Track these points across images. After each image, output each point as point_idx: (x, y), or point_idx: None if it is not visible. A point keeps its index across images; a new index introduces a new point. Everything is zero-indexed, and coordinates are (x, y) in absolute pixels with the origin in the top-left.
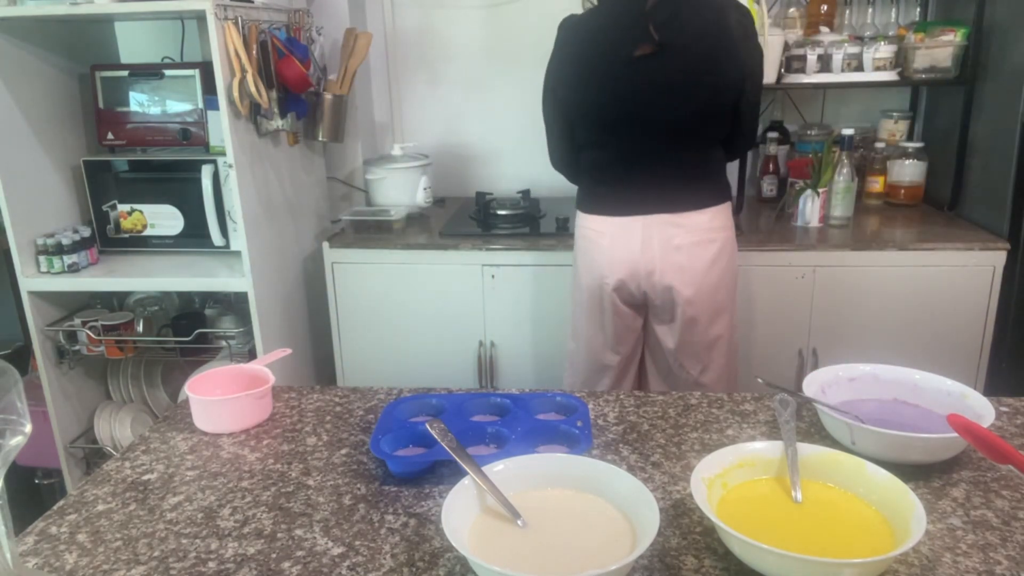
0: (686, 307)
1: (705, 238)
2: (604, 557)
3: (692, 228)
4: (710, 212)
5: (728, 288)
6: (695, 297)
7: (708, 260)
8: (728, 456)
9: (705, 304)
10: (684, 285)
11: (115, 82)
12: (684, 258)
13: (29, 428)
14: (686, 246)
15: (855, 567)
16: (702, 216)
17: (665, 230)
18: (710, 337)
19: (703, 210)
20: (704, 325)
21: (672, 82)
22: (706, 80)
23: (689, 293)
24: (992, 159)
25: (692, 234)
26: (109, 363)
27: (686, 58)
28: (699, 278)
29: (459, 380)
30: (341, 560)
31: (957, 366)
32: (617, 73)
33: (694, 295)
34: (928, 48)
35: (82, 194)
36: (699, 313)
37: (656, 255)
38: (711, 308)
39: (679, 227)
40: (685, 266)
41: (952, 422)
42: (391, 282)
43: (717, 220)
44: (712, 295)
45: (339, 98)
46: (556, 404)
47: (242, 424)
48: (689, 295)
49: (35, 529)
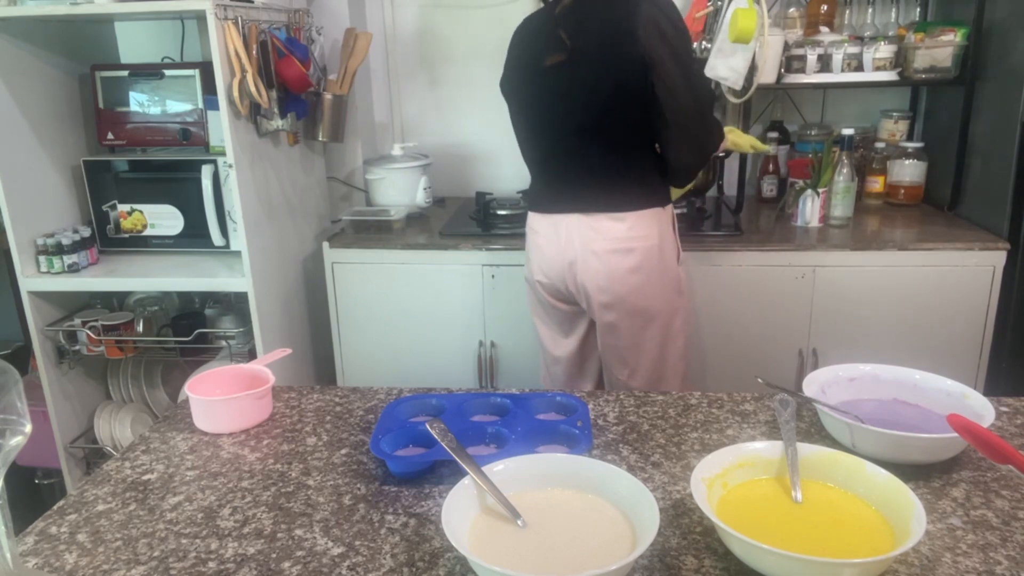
0: (603, 312)
1: (622, 247)
2: (604, 557)
3: (609, 235)
4: (630, 219)
5: (658, 297)
6: (613, 303)
7: (625, 269)
8: (728, 456)
9: (625, 311)
10: (599, 291)
11: (115, 82)
12: (600, 264)
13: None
14: (602, 253)
15: (855, 567)
16: (620, 224)
17: (585, 233)
18: (636, 342)
19: (622, 215)
20: (627, 331)
21: (576, 87)
22: (605, 79)
23: (605, 299)
24: (992, 159)
25: (608, 241)
26: (109, 363)
27: (589, 61)
28: (616, 286)
29: (459, 380)
30: (341, 560)
31: (957, 366)
32: (531, 80)
33: (611, 301)
34: (928, 48)
35: (82, 194)
36: (618, 320)
37: (577, 255)
38: (634, 315)
39: (597, 232)
40: (601, 272)
41: (952, 422)
42: (391, 282)
43: (638, 229)
44: (633, 303)
45: (339, 98)
46: (556, 404)
47: (242, 424)
48: (605, 300)
49: (35, 529)
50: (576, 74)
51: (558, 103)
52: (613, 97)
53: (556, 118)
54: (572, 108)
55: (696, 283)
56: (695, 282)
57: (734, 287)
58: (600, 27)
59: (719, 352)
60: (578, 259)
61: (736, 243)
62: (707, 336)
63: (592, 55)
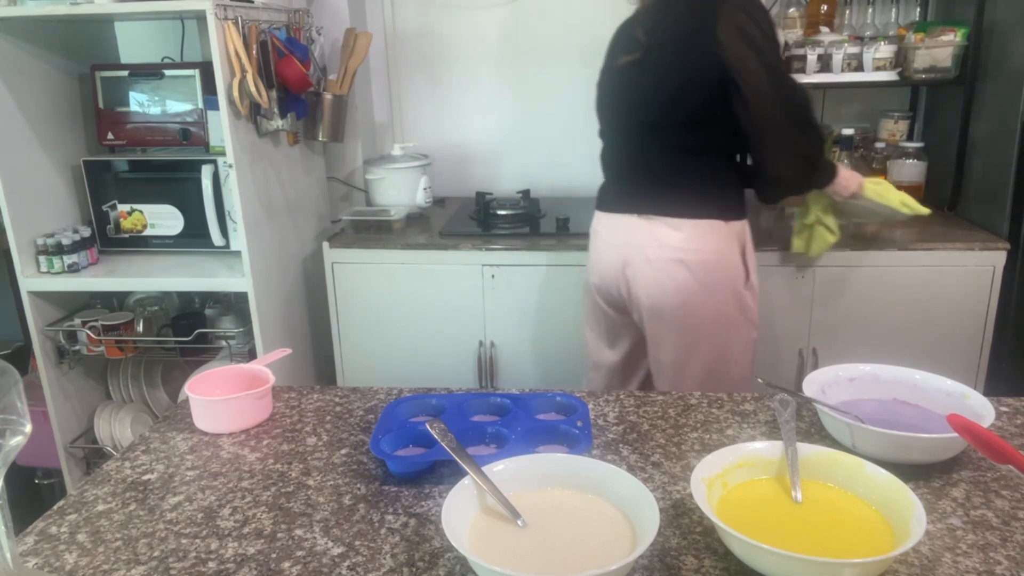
0: (651, 323)
1: (675, 256)
2: (604, 557)
3: (663, 242)
4: (687, 228)
5: (709, 318)
6: (660, 316)
7: (675, 281)
8: (728, 456)
9: (672, 327)
10: (648, 299)
11: (115, 82)
12: (652, 272)
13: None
14: (655, 260)
15: (855, 567)
16: (676, 233)
17: (641, 236)
18: (681, 361)
19: (678, 221)
20: (673, 348)
21: (644, 82)
22: (673, 75)
23: (653, 310)
24: (992, 159)
25: (662, 249)
26: (109, 363)
27: (660, 57)
28: (665, 298)
29: (459, 380)
30: (341, 560)
31: (957, 366)
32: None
33: (659, 313)
34: (928, 48)
35: (82, 194)
36: (665, 334)
37: (632, 259)
38: (680, 333)
39: (652, 237)
40: (652, 281)
41: (952, 422)
42: (391, 282)
43: (694, 240)
44: (680, 320)
45: (339, 98)
46: (556, 404)
47: (242, 424)
48: (654, 312)
49: (35, 529)
50: (646, 70)
51: (626, 98)
52: (679, 94)
53: (624, 114)
54: (638, 103)
55: None
56: None
57: None
58: (677, 25)
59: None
60: (632, 263)
61: None
62: None
63: (664, 51)
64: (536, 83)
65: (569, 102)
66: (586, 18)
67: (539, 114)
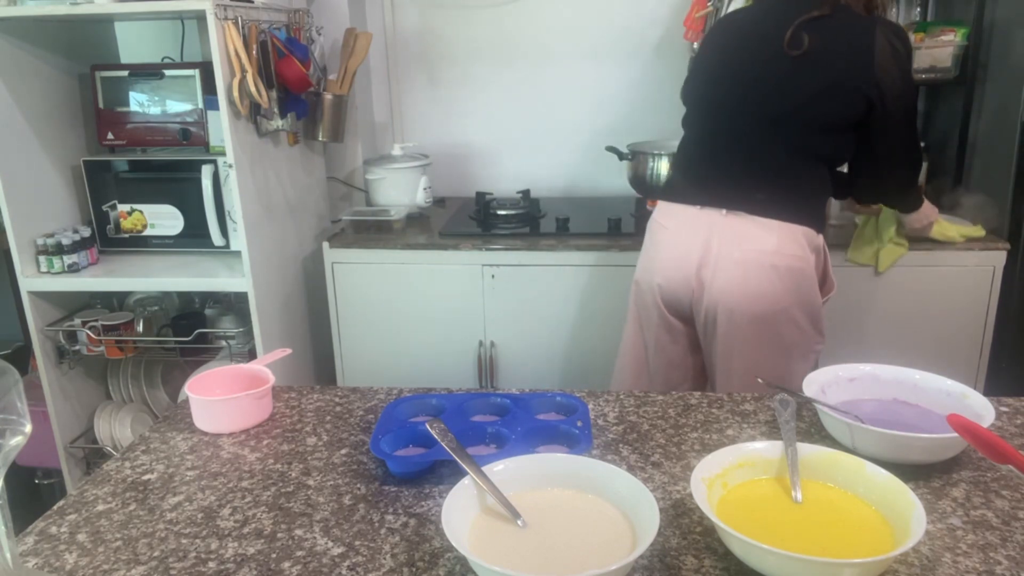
0: (727, 327)
1: (767, 261)
2: (604, 557)
3: (754, 243)
4: (780, 231)
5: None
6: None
7: (763, 287)
8: (728, 456)
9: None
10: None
11: (115, 82)
12: (739, 274)
13: (29, 428)
14: (745, 263)
15: (855, 567)
16: (768, 235)
17: (726, 234)
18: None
19: (771, 223)
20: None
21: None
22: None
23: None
24: (992, 159)
25: (757, 252)
26: (109, 363)
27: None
28: (748, 303)
29: (459, 380)
30: (341, 560)
31: (957, 366)
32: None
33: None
34: (928, 48)
35: (82, 194)
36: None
37: (712, 259)
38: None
39: (742, 236)
40: (737, 283)
41: (952, 422)
42: (391, 282)
43: (788, 246)
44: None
45: (339, 98)
46: (556, 404)
47: (242, 424)
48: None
49: (35, 529)
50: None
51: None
52: (826, 98)
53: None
54: (772, 95)
55: None
56: None
57: None
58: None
59: None
60: (710, 264)
61: None
62: None
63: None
64: (536, 83)
65: (569, 102)
66: (586, 18)
67: (539, 114)
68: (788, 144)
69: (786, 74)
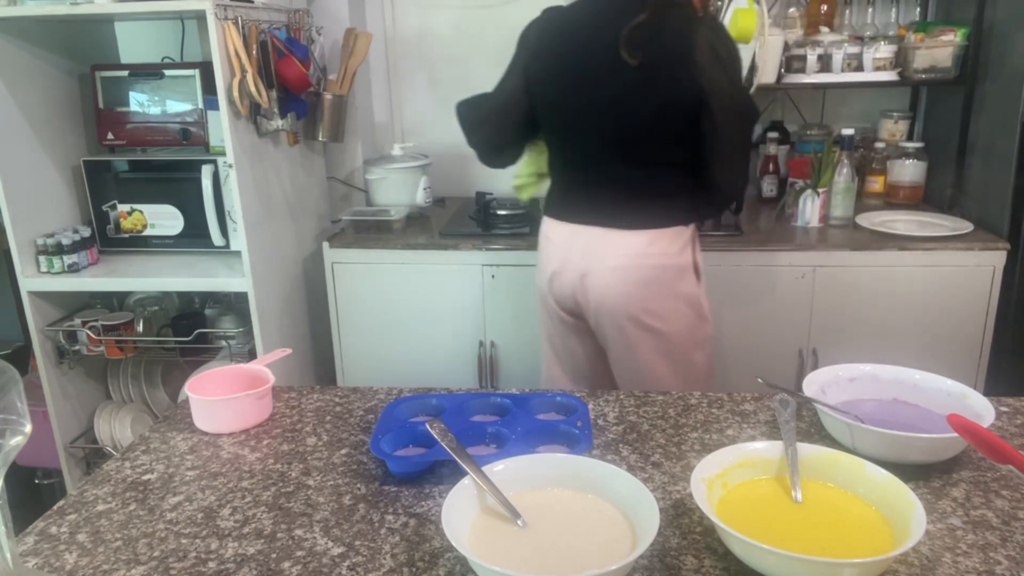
0: (613, 330)
1: (638, 262)
2: (604, 557)
3: (627, 249)
4: (650, 234)
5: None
6: (624, 321)
7: (640, 284)
8: (728, 456)
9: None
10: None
11: (115, 82)
12: (613, 278)
13: (29, 428)
14: (617, 268)
15: (855, 567)
16: (639, 238)
17: (601, 245)
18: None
19: (642, 231)
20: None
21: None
22: (653, 95)
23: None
24: (992, 159)
25: (625, 257)
26: (109, 363)
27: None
28: (629, 303)
29: (459, 380)
30: (341, 560)
31: (957, 366)
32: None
33: (622, 319)
34: (928, 48)
35: (82, 194)
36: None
37: (591, 268)
38: (646, 336)
39: (616, 246)
40: (614, 286)
41: (952, 422)
42: (391, 282)
43: (658, 244)
44: (646, 323)
45: (339, 98)
46: (556, 404)
47: (242, 424)
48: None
49: (35, 529)
50: (625, 86)
51: (601, 111)
52: (660, 114)
53: (595, 126)
54: (615, 118)
55: None
56: None
57: (734, 287)
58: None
59: (719, 352)
60: (591, 271)
61: (736, 243)
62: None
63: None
64: None
65: None
66: None
67: None
68: (634, 161)
69: (625, 93)
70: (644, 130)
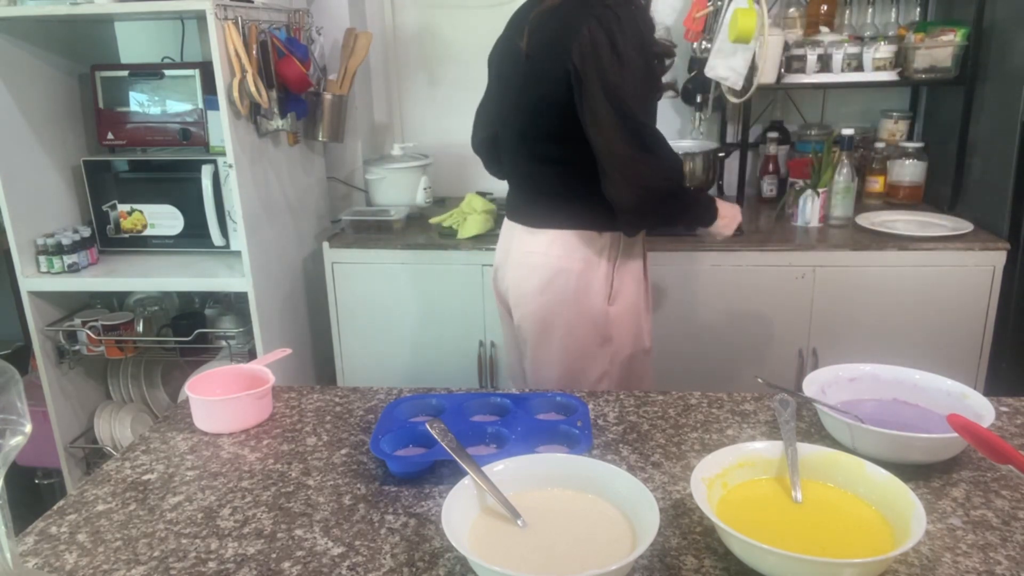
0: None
1: (538, 262)
2: (604, 557)
3: (526, 246)
4: (550, 235)
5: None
6: (521, 318)
7: (533, 286)
8: (728, 456)
9: (530, 331)
10: (513, 300)
11: (115, 82)
12: (514, 274)
13: (29, 428)
14: (517, 265)
15: (855, 567)
16: (542, 237)
17: (512, 240)
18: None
19: (543, 231)
20: (531, 351)
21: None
22: (533, 89)
23: (516, 311)
24: (992, 159)
25: (524, 253)
26: (109, 363)
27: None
28: (523, 301)
29: (459, 380)
30: (341, 560)
31: (957, 366)
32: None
33: (520, 315)
34: (928, 48)
35: (82, 194)
36: (527, 336)
37: (507, 265)
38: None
39: (521, 241)
40: (513, 283)
41: (952, 422)
42: (391, 282)
43: (556, 247)
44: (536, 327)
45: (339, 98)
46: (556, 404)
47: (242, 424)
48: (516, 312)
49: (35, 529)
50: (515, 79)
51: (505, 106)
52: (539, 107)
53: (504, 121)
54: (510, 112)
55: (696, 283)
56: (694, 282)
57: (734, 287)
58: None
59: (719, 352)
60: (504, 265)
61: (736, 243)
62: (707, 336)
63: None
64: None
65: None
66: None
67: None
68: (531, 156)
69: (516, 86)
70: (530, 124)
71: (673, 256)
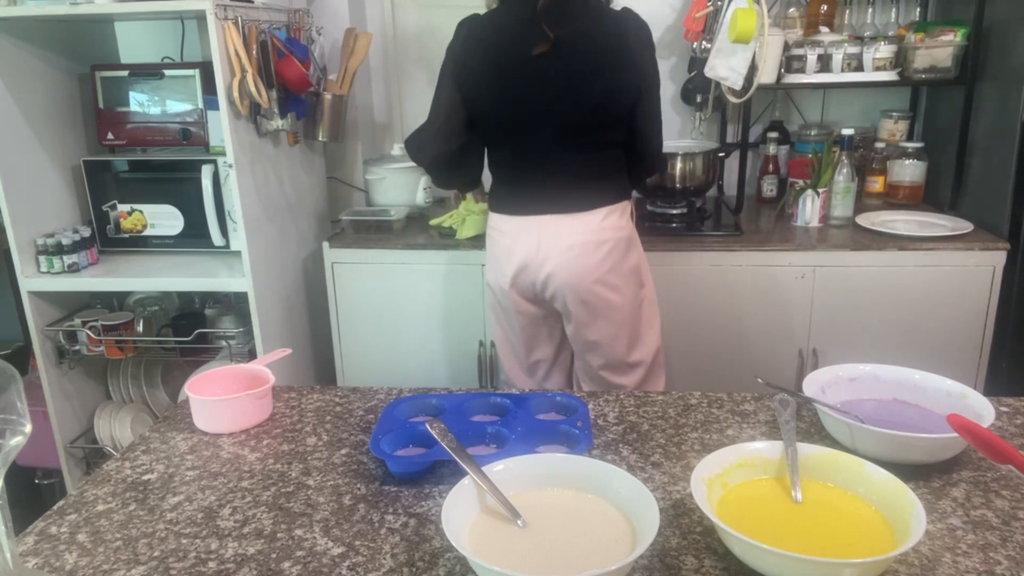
0: (577, 307)
1: (596, 238)
2: (604, 557)
3: (583, 228)
4: (603, 212)
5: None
6: (586, 297)
7: (596, 261)
8: (728, 456)
9: (596, 306)
10: (576, 283)
11: (115, 82)
12: (571, 254)
13: (29, 428)
14: (578, 245)
15: (855, 567)
16: (594, 216)
17: (558, 230)
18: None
19: (593, 212)
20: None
21: (565, 81)
22: (600, 81)
23: (579, 290)
24: (992, 159)
25: (584, 234)
26: (109, 363)
27: (581, 57)
28: (586, 274)
29: (459, 380)
30: (341, 560)
31: (957, 366)
32: (515, 72)
33: (583, 295)
34: (928, 48)
35: (82, 194)
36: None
37: (551, 254)
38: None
39: (571, 229)
40: (577, 266)
41: (952, 422)
42: (391, 282)
43: (610, 220)
44: (602, 295)
45: (339, 98)
46: (556, 404)
47: (242, 424)
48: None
49: (35, 529)
50: (561, 75)
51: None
52: (601, 102)
53: (536, 118)
54: (557, 108)
55: (696, 283)
56: (694, 282)
57: (734, 287)
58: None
59: (719, 352)
60: (552, 257)
61: (736, 243)
62: (707, 336)
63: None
64: None
65: None
66: None
67: None
68: (583, 145)
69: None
70: (591, 116)
71: (673, 256)
